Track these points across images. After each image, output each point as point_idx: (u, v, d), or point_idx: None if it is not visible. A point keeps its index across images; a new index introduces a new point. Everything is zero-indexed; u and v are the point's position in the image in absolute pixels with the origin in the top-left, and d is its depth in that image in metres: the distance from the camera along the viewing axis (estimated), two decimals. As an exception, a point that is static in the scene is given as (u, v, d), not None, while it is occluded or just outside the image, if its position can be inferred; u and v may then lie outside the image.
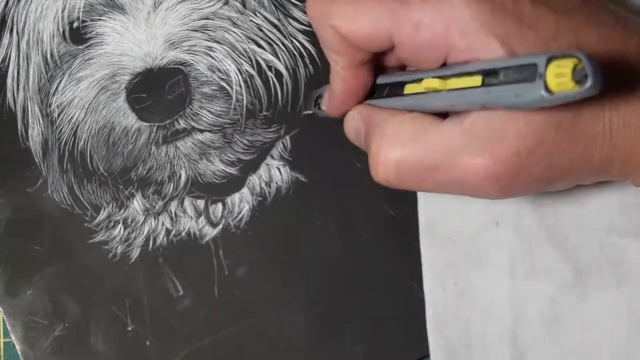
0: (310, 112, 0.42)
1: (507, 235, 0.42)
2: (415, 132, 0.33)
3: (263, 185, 0.45)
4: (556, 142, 0.31)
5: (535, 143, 0.31)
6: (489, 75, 0.30)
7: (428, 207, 0.43)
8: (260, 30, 0.45)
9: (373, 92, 0.37)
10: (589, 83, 0.27)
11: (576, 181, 0.34)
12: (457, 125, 0.32)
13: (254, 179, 0.45)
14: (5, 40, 0.46)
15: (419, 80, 0.34)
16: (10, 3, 0.46)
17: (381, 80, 0.37)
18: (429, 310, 0.43)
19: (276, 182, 0.45)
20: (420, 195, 0.43)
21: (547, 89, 0.27)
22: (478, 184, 0.32)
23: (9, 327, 0.45)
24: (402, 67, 0.37)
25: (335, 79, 0.37)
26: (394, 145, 0.34)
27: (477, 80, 0.30)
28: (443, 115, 0.34)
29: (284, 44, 0.45)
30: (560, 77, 0.27)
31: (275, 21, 0.46)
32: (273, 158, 0.45)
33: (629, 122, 0.31)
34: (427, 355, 0.44)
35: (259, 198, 0.45)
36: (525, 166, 0.31)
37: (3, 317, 0.45)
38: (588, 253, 0.42)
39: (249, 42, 0.45)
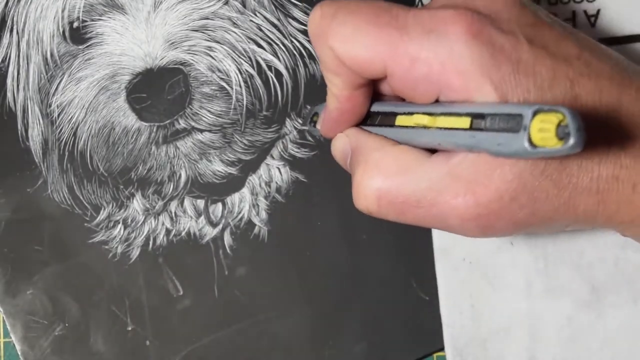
0: (306, 128, 0.42)
1: (522, 255, 0.42)
2: (400, 165, 0.33)
3: (263, 185, 0.45)
4: (540, 190, 0.31)
5: (519, 189, 0.31)
6: (477, 118, 0.30)
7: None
8: (260, 30, 0.45)
9: (367, 119, 0.37)
10: (570, 142, 0.26)
11: (558, 228, 0.34)
12: (442, 163, 0.32)
13: (254, 179, 0.45)
14: (5, 40, 0.46)
15: (410, 113, 0.33)
16: (10, 3, 0.46)
17: (376, 108, 0.36)
18: (447, 332, 0.43)
19: (276, 182, 0.45)
20: None
21: (530, 141, 0.27)
22: (458, 223, 0.32)
23: (9, 327, 0.45)
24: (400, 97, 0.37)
25: (331, 99, 0.36)
26: (377, 176, 0.33)
27: (465, 121, 0.30)
28: (431, 150, 0.33)
29: (284, 44, 0.45)
30: (544, 132, 0.27)
31: (275, 21, 0.46)
32: (273, 158, 0.45)
33: (617, 177, 0.31)
34: (427, 355, 0.44)
35: (259, 198, 0.45)
36: (507, 210, 0.31)
37: (3, 317, 0.45)
38: (603, 269, 0.41)
39: (249, 42, 0.45)
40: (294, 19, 0.46)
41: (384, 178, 0.33)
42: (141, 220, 0.45)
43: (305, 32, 0.46)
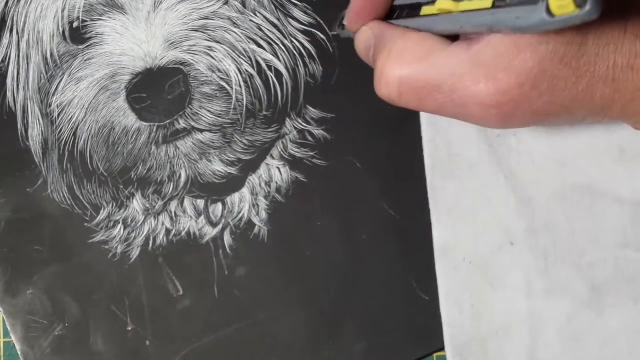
0: (335, 32, 0.42)
1: (522, 255, 0.42)
2: (422, 51, 0.34)
3: (263, 185, 0.45)
4: (559, 78, 0.31)
5: (539, 76, 0.31)
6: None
7: (443, 229, 0.43)
8: (260, 30, 0.45)
9: (391, 14, 0.37)
10: (587, 7, 0.28)
11: (576, 119, 0.34)
12: (464, 49, 0.32)
13: (254, 179, 0.45)
14: (5, 40, 0.46)
15: (433, 2, 0.34)
16: (10, 3, 0.46)
17: (399, 1, 0.37)
18: (447, 332, 0.43)
19: (276, 182, 0.45)
20: (435, 218, 0.43)
21: (548, 11, 0.28)
22: (478, 110, 0.32)
23: (9, 327, 0.45)
24: None
25: None
26: (399, 63, 0.34)
27: (487, 2, 0.31)
28: (453, 39, 0.34)
29: (284, 44, 0.45)
30: (561, 0, 0.28)
31: (275, 21, 0.46)
32: (273, 158, 0.45)
33: (632, 67, 0.31)
34: (427, 355, 0.44)
35: (259, 198, 0.45)
36: (527, 98, 0.32)
37: (3, 317, 0.45)
38: (603, 269, 0.41)
39: (249, 42, 0.45)
40: (294, 19, 0.46)
41: (406, 64, 0.34)
42: (141, 220, 0.45)
43: (305, 32, 0.46)
